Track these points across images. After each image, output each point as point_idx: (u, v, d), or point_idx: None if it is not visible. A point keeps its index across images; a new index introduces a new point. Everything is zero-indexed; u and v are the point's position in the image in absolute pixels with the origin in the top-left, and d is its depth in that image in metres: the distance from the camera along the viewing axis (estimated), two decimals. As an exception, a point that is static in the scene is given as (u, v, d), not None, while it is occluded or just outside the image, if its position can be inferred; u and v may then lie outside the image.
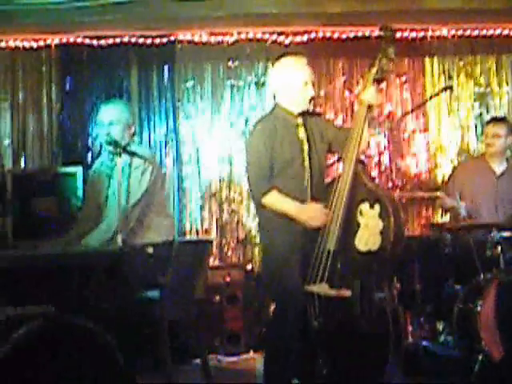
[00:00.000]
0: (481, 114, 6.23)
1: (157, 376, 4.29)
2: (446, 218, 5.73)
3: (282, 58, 3.88)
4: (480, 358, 4.33)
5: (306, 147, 3.78)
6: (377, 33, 3.73)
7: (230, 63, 6.20)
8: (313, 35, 6.06)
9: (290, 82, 3.80)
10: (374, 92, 3.73)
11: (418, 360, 4.66)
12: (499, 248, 4.84)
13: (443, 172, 6.20)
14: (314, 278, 3.61)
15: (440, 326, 5.18)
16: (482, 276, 4.87)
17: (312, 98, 3.86)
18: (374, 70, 3.69)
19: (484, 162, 5.34)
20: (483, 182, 5.25)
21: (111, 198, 4.40)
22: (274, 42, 6.11)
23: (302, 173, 3.75)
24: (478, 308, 4.51)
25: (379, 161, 6.18)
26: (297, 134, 3.79)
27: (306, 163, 3.76)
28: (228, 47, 6.13)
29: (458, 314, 4.72)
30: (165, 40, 6.08)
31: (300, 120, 3.82)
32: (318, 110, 4.02)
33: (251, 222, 6.08)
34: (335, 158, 4.21)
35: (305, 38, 6.06)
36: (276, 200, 3.69)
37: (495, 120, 5.42)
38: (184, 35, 6.08)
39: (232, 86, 6.20)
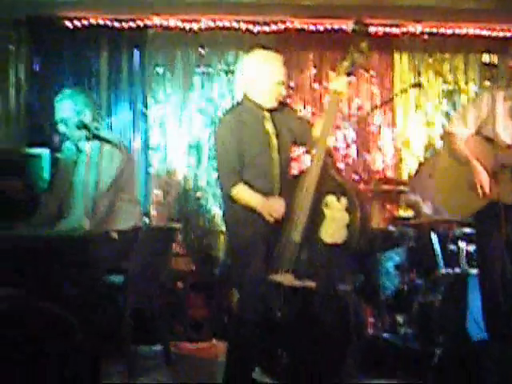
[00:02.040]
0: (448, 112, 6.31)
1: (119, 360, 4.29)
2: (410, 213, 5.80)
3: (258, 51, 3.81)
4: (438, 350, 4.41)
5: (273, 140, 3.76)
6: (350, 26, 3.71)
7: (201, 50, 6.18)
8: (284, 26, 6.07)
9: (263, 78, 3.74)
10: (345, 84, 3.71)
11: (378, 352, 4.71)
12: (460, 242, 4.94)
13: (409, 167, 6.27)
14: (278, 269, 3.62)
15: (400, 319, 5.23)
16: (442, 270, 4.97)
17: (281, 96, 3.81)
18: (345, 64, 3.68)
19: None
20: None
21: (79, 184, 4.35)
22: (246, 30, 6.10)
23: (271, 165, 3.74)
24: (437, 302, 4.60)
25: (346, 154, 6.22)
26: (265, 127, 3.77)
27: (275, 156, 3.75)
28: (199, 34, 6.11)
29: (418, 307, 4.80)
30: (136, 24, 6.05)
31: (268, 113, 3.79)
32: (285, 101, 3.97)
33: (217, 210, 6.09)
34: (301, 150, 4.22)
35: (276, 28, 6.07)
36: (243, 193, 3.68)
37: None
38: (156, 20, 6.05)
39: (202, 74, 6.18)
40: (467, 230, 4.98)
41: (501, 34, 6.24)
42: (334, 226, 3.53)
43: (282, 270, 3.61)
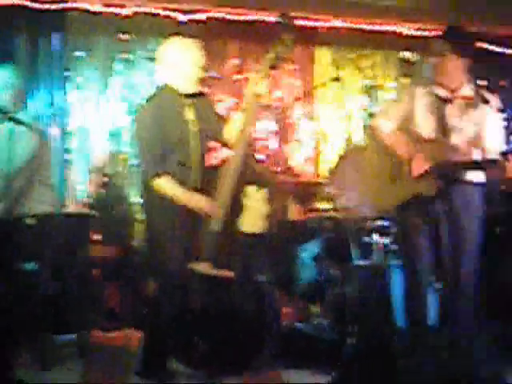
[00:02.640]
0: (366, 107, 6.42)
1: (32, 349, 4.22)
2: (329, 205, 5.88)
3: (175, 38, 3.83)
4: (351, 340, 4.50)
5: (193, 129, 3.76)
6: (274, 18, 3.73)
7: (122, 36, 6.10)
8: (207, 15, 6.05)
9: (183, 63, 3.74)
10: (266, 81, 3.73)
11: (292, 342, 4.77)
12: (374, 235, 5.05)
13: (327, 160, 6.35)
14: (197, 258, 3.63)
15: (315, 309, 5.31)
16: (356, 262, 5.07)
17: (201, 81, 3.81)
18: (270, 56, 3.70)
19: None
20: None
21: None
22: (169, 18, 6.05)
23: (190, 155, 3.73)
24: (351, 292, 4.70)
25: (266, 145, 6.26)
26: (185, 114, 3.76)
27: (194, 145, 3.74)
28: (122, 20, 6.03)
29: (333, 298, 4.89)
30: (56, 6, 5.90)
31: (188, 100, 3.78)
32: (205, 91, 3.96)
33: (136, 198, 6.03)
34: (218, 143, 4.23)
35: (200, 17, 6.04)
36: (167, 186, 3.66)
37: None
38: (77, 3, 5.93)
39: (124, 60, 6.10)
40: (383, 222, 5.09)
41: (420, 33, 6.38)
42: (253, 217, 3.57)
43: (201, 259, 3.62)
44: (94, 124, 6.06)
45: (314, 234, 5.41)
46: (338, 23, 6.29)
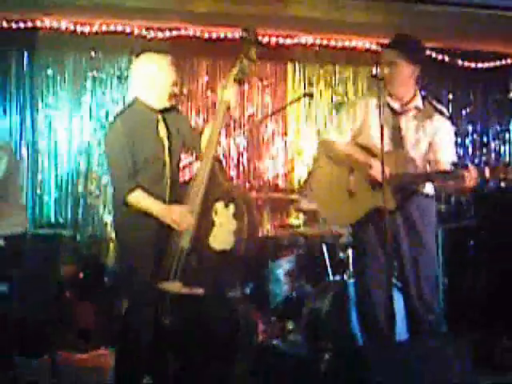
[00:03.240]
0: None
1: (3, 372, 4.16)
2: (301, 221, 5.89)
3: (146, 54, 3.81)
4: (326, 356, 4.50)
5: (166, 144, 3.73)
6: (239, 34, 3.75)
7: (92, 54, 6.09)
8: (177, 33, 6.06)
9: (152, 79, 3.72)
10: (234, 92, 3.73)
11: (267, 359, 4.76)
12: (348, 251, 5.05)
13: (300, 175, 6.36)
14: (167, 276, 3.60)
15: (290, 326, 5.31)
16: (330, 277, 5.07)
17: (173, 96, 3.80)
18: (234, 71, 3.72)
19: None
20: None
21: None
22: (139, 36, 6.05)
23: (163, 170, 3.71)
24: (325, 308, 4.69)
25: (238, 162, 6.26)
26: (157, 130, 3.73)
27: (167, 160, 3.72)
28: (91, 38, 6.01)
29: (307, 314, 4.88)
30: (26, 25, 5.88)
31: (160, 115, 3.76)
32: (177, 105, 3.96)
33: (107, 217, 5.99)
34: (192, 157, 4.21)
35: (170, 34, 6.05)
36: (141, 199, 3.62)
37: None
38: (46, 22, 5.91)
39: (94, 78, 6.09)
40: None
41: (386, 49, 6.45)
42: (222, 233, 3.54)
43: (171, 277, 3.60)
44: (64, 142, 6.01)
45: (287, 250, 5.42)
46: (307, 40, 6.32)
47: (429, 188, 3.96)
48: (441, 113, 3.94)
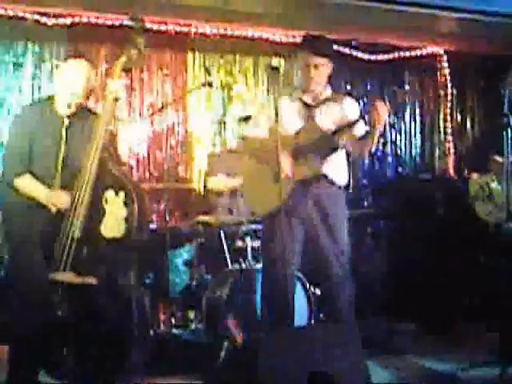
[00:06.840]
0: (238, 113, 6.45)
1: None
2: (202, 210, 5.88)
3: (71, 60, 3.93)
4: (226, 344, 4.53)
5: (64, 136, 3.78)
6: (126, 22, 3.76)
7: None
8: (73, 19, 5.92)
9: (64, 87, 3.80)
10: (121, 83, 3.78)
11: (169, 348, 4.76)
12: (247, 239, 5.10)
13: (200, 165, 6.35)
14: (58, 266, 3.56)
15: (191, 315, 5.32)
16: (229, 266, 5.10)
17: (85, 101, 3.88)
18: (122, 60, 3.74)
19: None
20: None
21: None
22: (36, 22, 5.88)
23: (57, 161, 3.75)
24: (225, 296, 4.72)
25: (137, 151, 6.18)
26: (60, 125, 3.80)
27: (63, 153, 3.76)
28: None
29: (207, 303, 4.90)
30: None
31: (67, 120, 3.82)
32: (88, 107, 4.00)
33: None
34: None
35: (66, 20, 5.91)
36: (27, 184, 3.68)
37: None
38: None
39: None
40: (254, 226, 5.15)
41: (285, 39, 6.53)
42: (113, 221, 3.55)
43: (62, 267, 3.55)
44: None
45: (186, 239, 5.42)
46: (206, 29, 6.31)
47: (340, 176, 4.17)
48: (349, 94, 4.15)
